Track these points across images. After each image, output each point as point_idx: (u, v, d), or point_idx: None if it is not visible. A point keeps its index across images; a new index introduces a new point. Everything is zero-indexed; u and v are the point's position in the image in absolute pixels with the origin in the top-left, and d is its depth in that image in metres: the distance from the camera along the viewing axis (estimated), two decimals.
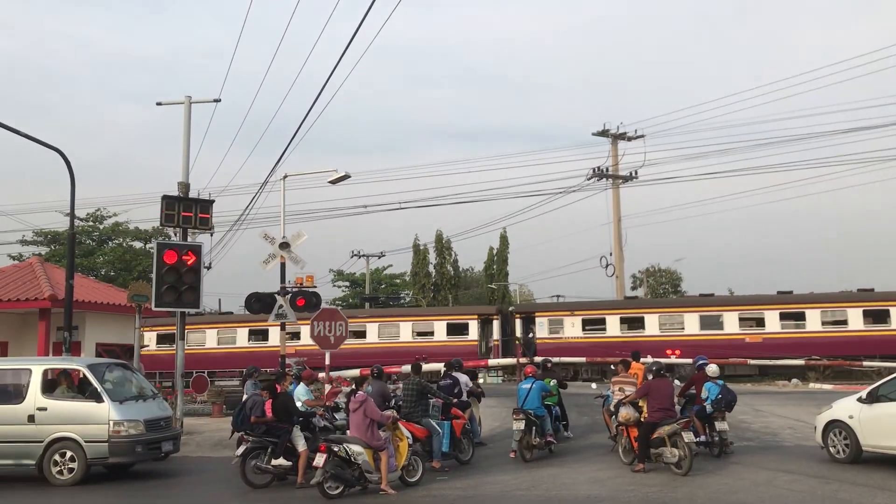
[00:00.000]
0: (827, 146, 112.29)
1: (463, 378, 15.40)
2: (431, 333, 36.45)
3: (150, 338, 36.59)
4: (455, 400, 14.08)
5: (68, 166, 16.92)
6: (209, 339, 38.02)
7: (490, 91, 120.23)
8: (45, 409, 12.71)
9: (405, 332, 36.66)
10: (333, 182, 20.09)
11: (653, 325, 34.20)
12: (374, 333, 36.76)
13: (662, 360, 16.34)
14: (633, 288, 51.24)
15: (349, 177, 19.87)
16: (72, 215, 17.52)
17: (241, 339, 37.65)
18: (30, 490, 12.41)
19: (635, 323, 34.63)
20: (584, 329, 35.00)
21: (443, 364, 16.41)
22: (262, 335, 37.11)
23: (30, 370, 13.20)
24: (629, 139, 39.79)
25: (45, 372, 13.27)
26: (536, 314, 36.62)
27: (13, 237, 50.45)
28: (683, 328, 33.82)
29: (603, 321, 34.90)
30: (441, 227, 67.64)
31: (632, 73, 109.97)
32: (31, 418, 12.57)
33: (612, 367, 26.56)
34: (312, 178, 27.93)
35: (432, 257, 56.83)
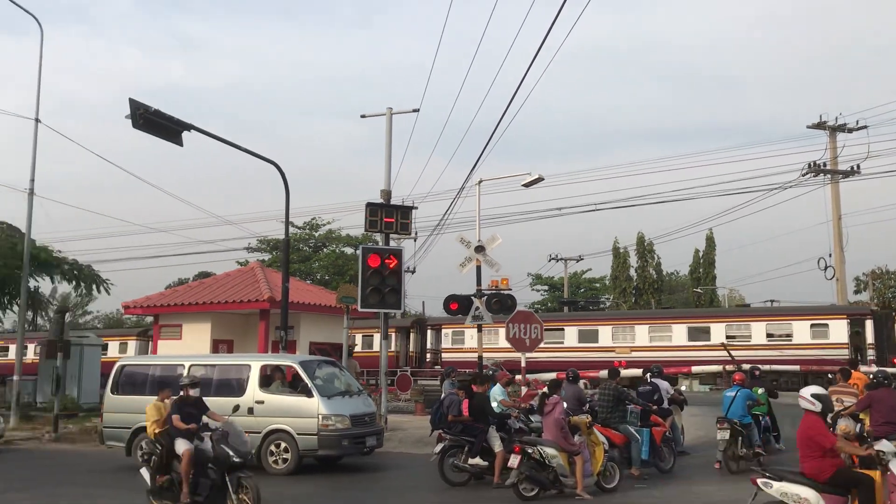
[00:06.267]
0: None
1: (664, 384, 14.91)
2: None
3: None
4: (654, 407, 13.60)
5: (283, 177, 18.11)
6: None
7: (687, 89, 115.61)
8: (262, 402, 13.66)
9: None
10: (527, 185, 20.11)
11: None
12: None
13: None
14: (857, 292, 46.95)
15: (543, 179, 19.84)
16: (286, 223, 18.79)
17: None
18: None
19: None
20: None
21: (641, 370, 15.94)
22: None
23: (249, 366, 14.27)
24: (849, 131, 36.51)
25: (263, 368, 14.24)
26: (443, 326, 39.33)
27: (239, 244, 54.68)
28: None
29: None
30: (642, 228, 65.55)
31: (851, 58, 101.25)
32: (250, 410, 13.34)
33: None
34: (508, 182, 28.13)
35: (633, 260, 55.40)
